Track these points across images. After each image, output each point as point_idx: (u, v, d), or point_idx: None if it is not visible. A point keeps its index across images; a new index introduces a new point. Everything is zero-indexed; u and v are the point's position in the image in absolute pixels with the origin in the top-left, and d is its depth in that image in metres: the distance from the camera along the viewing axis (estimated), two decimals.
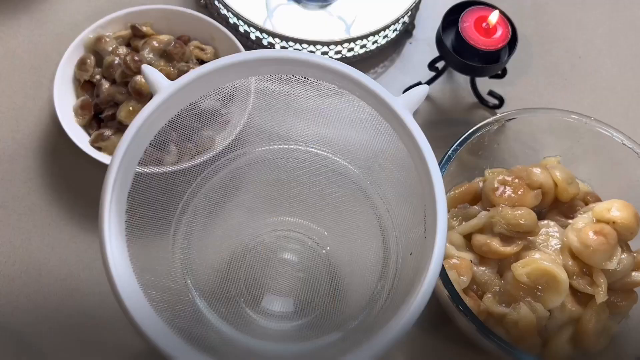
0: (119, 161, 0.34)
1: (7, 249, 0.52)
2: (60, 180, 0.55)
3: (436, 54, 0.57)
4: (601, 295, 0.43)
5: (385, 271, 0.44)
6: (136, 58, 0.53)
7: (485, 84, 0.60)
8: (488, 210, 0.47)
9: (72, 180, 0.55)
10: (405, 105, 0.36)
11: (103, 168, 0.50)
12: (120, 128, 0.53)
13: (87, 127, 0.54)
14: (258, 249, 0.50)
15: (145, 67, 0.37)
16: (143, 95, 0.52)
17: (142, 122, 0.35)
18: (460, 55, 0.53)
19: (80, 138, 0.52)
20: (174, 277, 0.43)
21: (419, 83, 0.60)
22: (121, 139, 0.35)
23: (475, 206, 0.49)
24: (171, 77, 0.53)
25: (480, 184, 0.50)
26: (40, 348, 0.48)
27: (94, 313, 0.49)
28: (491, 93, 0.60)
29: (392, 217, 0.45)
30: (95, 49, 0.56)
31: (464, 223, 0.48)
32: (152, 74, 0.36)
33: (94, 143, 0.52)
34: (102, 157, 0.51)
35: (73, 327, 0.49)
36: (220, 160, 0.48)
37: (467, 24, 0.53)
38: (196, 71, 0.36)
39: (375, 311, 0.42)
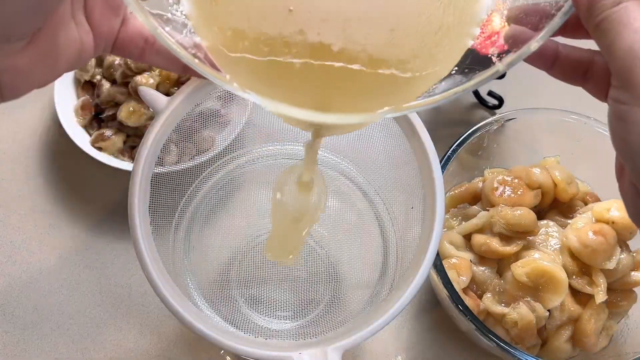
0: (141, 169, 0.35)
1: (7, 249, 0.52)
2: (61, 180, 0.55)
3: None
4: (600, 295, 0.43)
5: (385, 270, 0.44)
6: None
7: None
8: (488, 210, 0.47)
9: (72, 180, 0.55)
10: None
11: (104, 168, 0.51)
12: (121, 128, 0.53)
13: (87, 128, 0.54)
14: (258, 248, 0.50)
15: (142, 90, 0.38)
16: None
17: (152, 140, 0.36)
18: None
19: (81, 138, 0.52)
20: (174, 276, 0.43)
21: None
22: (138, 151, 0.36)
23: (474, 206, 0.49)
24: (172, 79, 0.53)
25: (480, 184, 0.50)
26: (42, 348, 0.48)
27: (94, 313, 0.49)
28: (491, 93, 0.60)
29: (392, 216, 0.45)
30: None
31: (463, 223, 0.48)
32: (149, 94, 0.38)
33: (94, 143, 0.53)
34: (103, 157, 0.51)
35: (73, 326, 0.49)
36: (220, 160, 0.48)
37: None
38: (190, 85, 0.37)
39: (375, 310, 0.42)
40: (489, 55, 0.27)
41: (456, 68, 0.27)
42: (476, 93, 0.60)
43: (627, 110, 0.24)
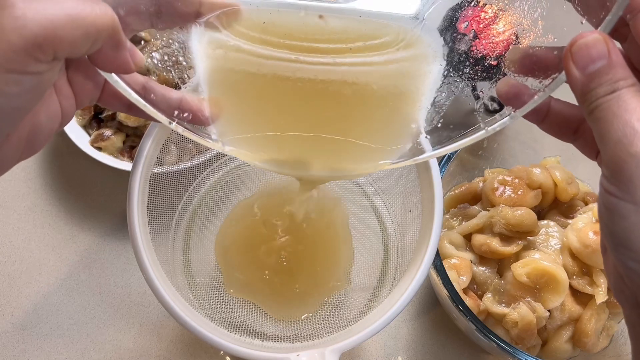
0: (141, 168, 0.35)
1: (7, 249, 0.52)
2: (60, 180, 0.55)
3: None
4: (601, 295, 0.43)
5: (384, 272, 0.44)
6: None
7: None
8: (488, 210, 0.47)
9: (72, 180, 0.55)
10: None
11: (103, 168, 0.51)
12: (120, 128, 0.53)
13: (87, 127, 0.54)
14: None
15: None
16: None
17: (151, 140, 0.36)
18: None
19: (80, 138, 0.52)
20: (172, 276, 0.43)
21: None
22: (138, 151, 0.36)
23: (475, 206, 0.49)
24: (169, 84, 0.53)
25: (480, 184, 0.50)
26: (41, 348, 0.48)
27: (94, 313, 0.49)
28: (492, 98, 0.60)
29: (392, 216, 0.45)
30: None
31: (463, 223, 0.48)
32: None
33: (93, 143, 0.52)
34: (102, 157, 0.51)
35: (73, 327, 0.49)
36: (220, 161, 0.48)
37: None
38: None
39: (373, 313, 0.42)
40: (475, 113, 0.29)
41: (442, 121, 0.28)
42: (477, 97, 0.60)
43: (615, 203, 0.23)
